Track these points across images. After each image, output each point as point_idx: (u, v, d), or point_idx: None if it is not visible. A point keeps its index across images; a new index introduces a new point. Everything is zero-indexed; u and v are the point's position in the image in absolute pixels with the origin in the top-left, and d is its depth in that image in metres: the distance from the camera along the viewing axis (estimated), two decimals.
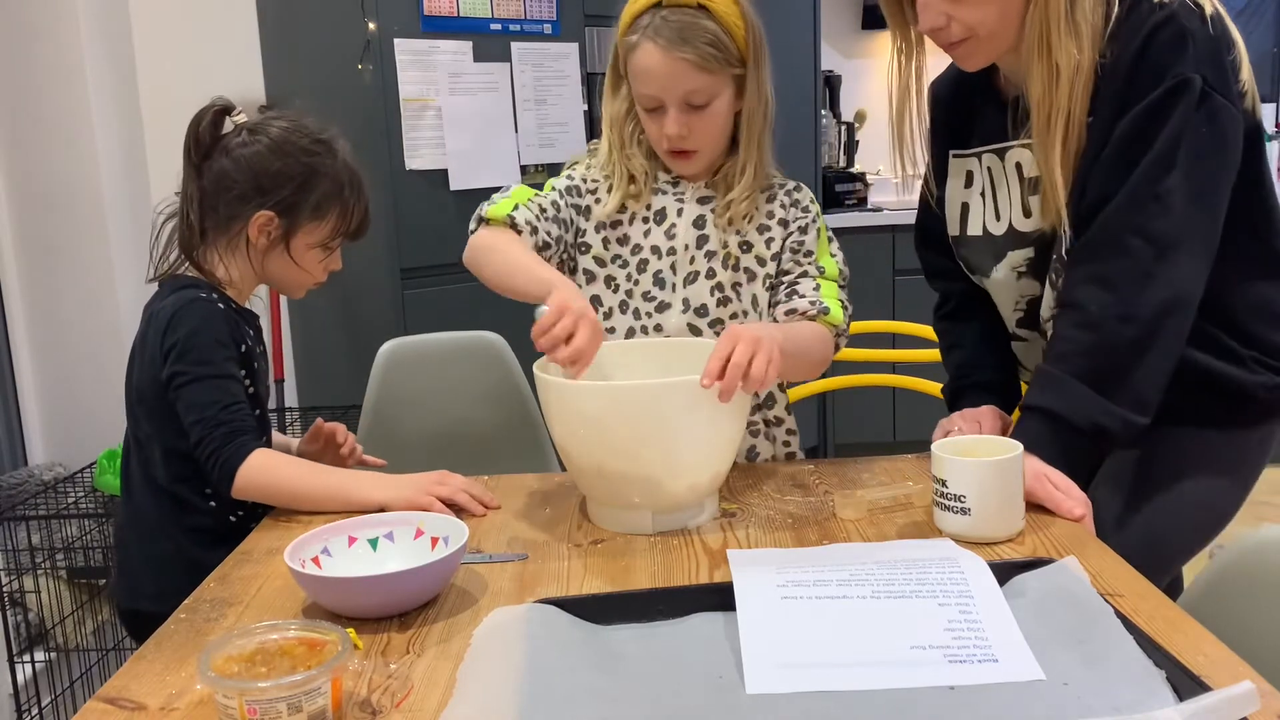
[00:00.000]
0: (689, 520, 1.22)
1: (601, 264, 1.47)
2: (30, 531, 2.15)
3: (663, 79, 1.36)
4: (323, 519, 1.26)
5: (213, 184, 1.41)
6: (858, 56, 4.24)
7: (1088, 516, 1.17)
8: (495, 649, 0.91)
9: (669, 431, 1.15)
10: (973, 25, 1.27)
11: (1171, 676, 0.81)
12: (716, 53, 1.36)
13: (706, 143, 1.42)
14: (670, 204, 1.47)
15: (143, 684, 0.90)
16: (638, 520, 1.20)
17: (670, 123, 1.38)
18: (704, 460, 1.20)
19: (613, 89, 1.47)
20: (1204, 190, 1.22)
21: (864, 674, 0.85)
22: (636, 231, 1.47)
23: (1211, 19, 1.20)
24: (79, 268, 2.54)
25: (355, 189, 1.45)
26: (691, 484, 1.19)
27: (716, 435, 1.19)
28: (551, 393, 1.20)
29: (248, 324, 1.44)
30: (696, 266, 1.45)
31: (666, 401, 1.14)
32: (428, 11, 2.59)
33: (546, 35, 2.81)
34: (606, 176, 1.48)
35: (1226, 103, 1.21)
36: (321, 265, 1.46)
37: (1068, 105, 1.24)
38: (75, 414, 2.61)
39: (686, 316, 1.45)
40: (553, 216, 1.43)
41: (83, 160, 2.49)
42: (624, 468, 1.17)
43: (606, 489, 1.21)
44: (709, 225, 1.46)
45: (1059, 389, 1.22)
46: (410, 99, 2.57)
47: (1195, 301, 1.22)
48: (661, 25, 1.35)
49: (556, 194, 1.46)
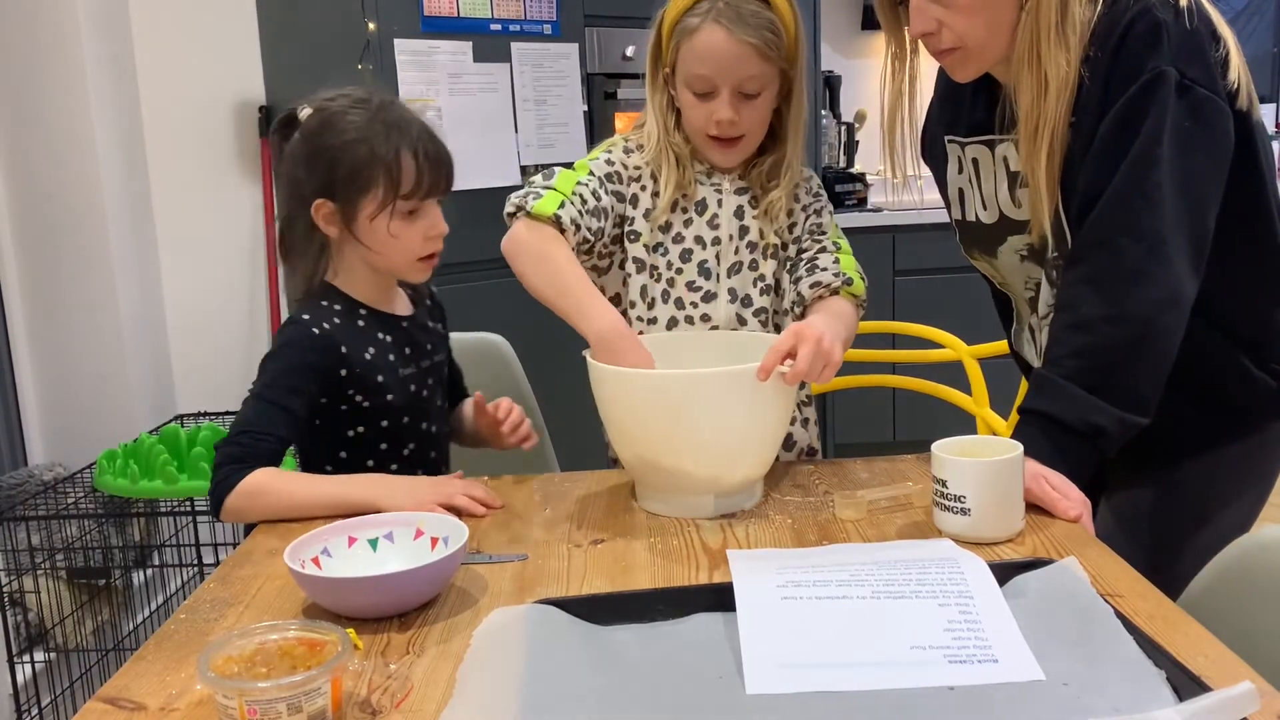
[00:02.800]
0: (745, 502, 1.27)
1: (649, 250, 1.49)
2: (30, 532, 2.15)
3: (725, 61, 1.38)
4: (323, 519, 1.26)
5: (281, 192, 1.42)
6: (858, 57, 4.24)
7: (1086, 516, 1.17)
8: (495, 649, 0.91)
9: (732, 418, 1.20)
10: (962, 34, 1.27)
11: (1171, 676, 0.81)
12: (776, 42, 1.39)
13: (752, 132, 1.44)
14: (710, 195, 1.49)
15: (143, 684, 0.90)
16: (699, 504, 1.24)
17: (723, 107, 1.40)
18: (762, 444, 1.25)
19: (653, 78, 1.49)
20: (1191, 185, 1.21)
21: (864, 674, 0.85)
22: (678, 221, 1.48)
23: (1188, 11, 1.19)
24: (79, 268, 2.54)
25: (393, 141, 1.34)
26: (750, 467, 1.26)
27: (774, 420, 1.25)
28: (606, 382, 1.24)
29: (381, 330, 1.40)
30: (740, 257, 1.48)
31: (732, 388, 1.19)
32: (428, 11, 2.59)
33: (546, 35, 2.81)
34: (649, 163, 1.49)
35: (1211, 95, 1.20)
36: (412, 231, 1.37)
37: (1054, 116, 1.24)
38: (75, 414, 2.61)
39: (734, 306, 1.47)
40: (593, 208, 1.42)
41: (83, 160, 2.49)
42: (691, 453, 1.21)
43: (668, 475, 1.24)
44: (748, 216, 1.48)
45: (1054, 392, 1.22)
46: (410, 99, 2.57)
47: (1188, 297, 1.22)
48: (726, 9, 1.37)
49: (597, 181, 1.45)
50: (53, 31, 2.44)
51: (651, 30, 1.47)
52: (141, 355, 2.63)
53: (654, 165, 1.48)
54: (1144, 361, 1.21)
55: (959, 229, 1.49)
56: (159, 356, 2.72)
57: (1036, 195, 1.27)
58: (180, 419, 2.51)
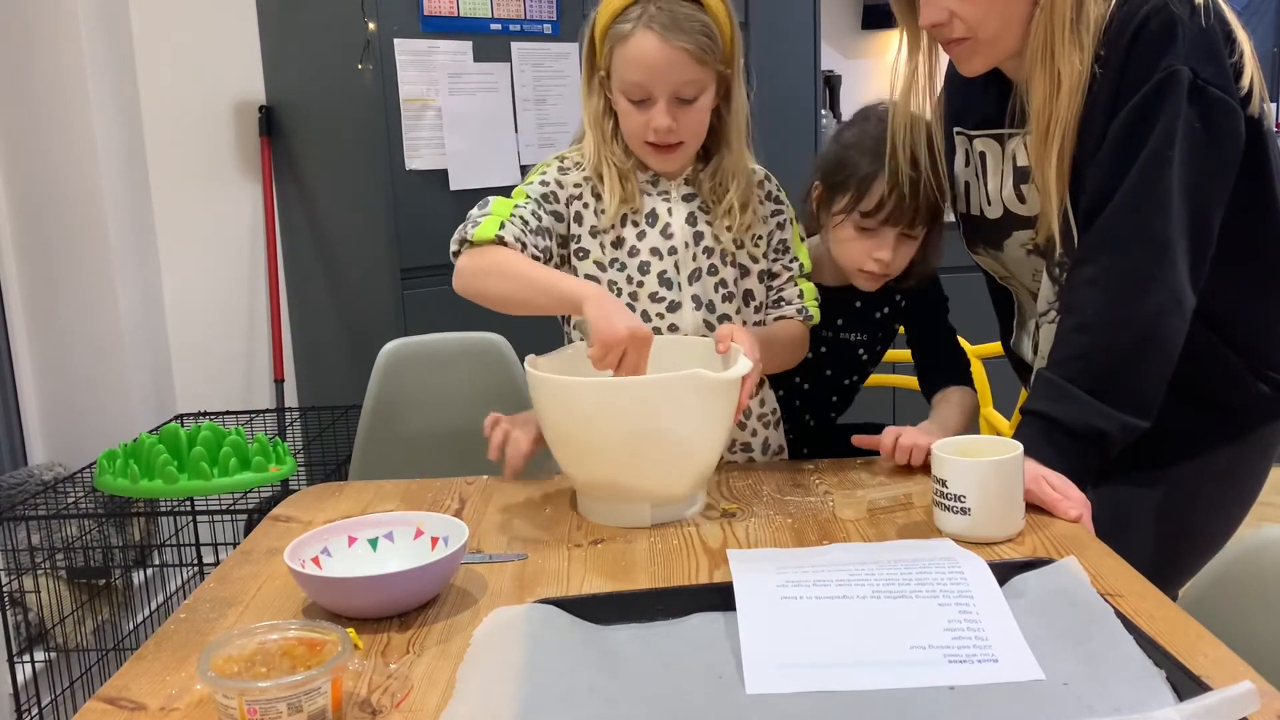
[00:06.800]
0: (684, 511, 1.24)
1: (602, 269, 1.45)
2: (30, 531, 2.15)
3: (659, 68, 1.35)
4: (323, 519, 1.26)
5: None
6: (858, 56, 4.24)
7: (1086, 517, 1.17)
8: (495, 649, 0.91)
9: (665, 426, 1.16)
10: (974, 25, 1.26)
11: (1171, 676, 0.81)
12: (711, 45, 1.36)
13: (691, 138, 1.41)
14: (659, 204, 1.45)
15: (143, 684, 0.90)
16: (636, 514, 1.21)
17: (659, 114, 1.37)
18: (698, 452, 1.22)
19: (588, 83, 1.45)
20: (1199, 188, 1.20)
21: (864, 674, 0.85)
22: (630, 234, 1.44)
23: (1203, 9, 1.18)
24: (79, 268, 2.54)
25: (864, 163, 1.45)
26: (687, 476, 1.22)
27: (709, 427, 1.21)
28: (545, 390, 1.21)
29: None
30: (699, 264, 1.45)
31: (661, 396, 1.16)
32: (428, 11, 2.59)
33: (546, 35, 2.81)
34: (588, 179, 1.45)
35: (1223, 97, 1.19)
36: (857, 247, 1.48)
37: (1067, 115, 1.23)
38: (75, 414, 2.61)
39: (700, 313, 1.45)
40: (535, 228, 1.39)
41: (83, 160, 2.49)
42: (623, 462, 1.18)
43: (604, 484, 1.21)
44: (700, 222, 1.46)
45: (1056, 394, 1.22)
46: (410, 99, 2.57)
47: (1191, 301, 1.22)
48: (658, 14, 1.34)
49: (534, 203, 1.41)
50: (53, 31, 2.44)
51: (584, 34, 1.43)
52: (141, 355, 2.63)
53: (594, 181, 1.44)
54: (1147, 366, 1.21)
55: (963, 223, 1.48)
56: (159, 356, 2.72)
57: (1046, 193, 1.27)
58: (180, 419, 2.51)
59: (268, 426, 2.67)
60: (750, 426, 1.52)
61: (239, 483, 2.04)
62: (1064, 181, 1.25)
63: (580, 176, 1.45)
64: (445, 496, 1.35)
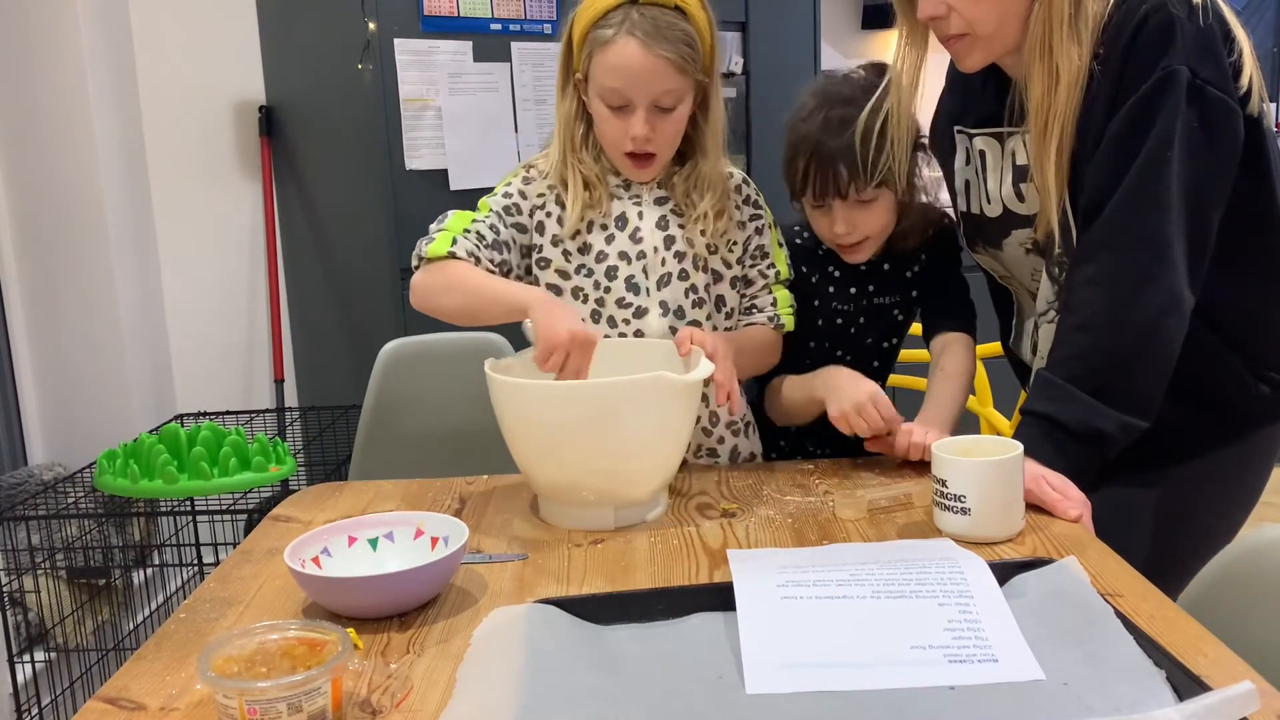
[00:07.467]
0: (647, 513, 1.24)
1: (565, 277, 1.43)
2: (30, 531, 2.15)
3: (640, 77, 1.33)
4: (323, 519, 1.26)
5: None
6: (858, 57, 4.23)
7: (1086, 516, 1.17)
8: (495, 649, 0.91)
9: (627, 428, 1.16)
10: (972, 21, 1.26)
11: (1171, 676, 0.81)
12: (693, 55, 1.35)
13: (666, 147, 1.40)
14: (629, 209, 1.44)
15: (143, 684, 0.90)
16: (599, 517, 1.21)
17: (638, 123, 1.35)
18: (660, 455, 1.22)
19: (562, 84, 1.43)
20: (1198, 188, 1.20)
21: (864, 674, 0.85)
22: (598, 240, 1.43)
23: (1202, 9, 1.18)
24: (79, 268, 2.54)
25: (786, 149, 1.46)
26: (649, 479, 1.22)
27: (671, 430, 1.22)
28: (504, 393, 1.21)
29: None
30: (668, 268, 1.43)
31: (623, 399, 1.16)
32: (428, 11, 2.59)
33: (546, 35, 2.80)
34: (552, 187, 1.44)
35: (1222, 96, 1.19)
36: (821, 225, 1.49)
37: (1065, 111, 1.23)
38: (75, 414, 2.61)
39: (667, 319, 1.43)
40: (492, 242, 1.38)
41: (83, 160, 2.49)
42: (585, 466, 1.18)
43: (566, 488, 1.21)
44: (672, 226, 1.44)
45: (1056, 394, 1.22)
46: (410, 99, 2.57)
47: (1190, 301, 1.22)
48: (640, 21, 1.32)
49: (495, 216, 1.41)
50: (53, 31, 2.44)
51: (562, 35, 1.41)
52: (141, 355, 2.63)
53: (558, 189, 1.43)
54: (1147, 366, 1.21)
55: (963, 221, 1.48)
56: (159, 356, 2.72)
57: (1044, 189, 1.27)
58: (180, 419, 2.51)
59: (268, 426, 2.67)
60: (717, 434, 1.50)
61: (239, 483, 2.04)
62: (1062, 177, 1.25)
63: (545, 185, 1.44)
64: (445, 496, 1.35)
